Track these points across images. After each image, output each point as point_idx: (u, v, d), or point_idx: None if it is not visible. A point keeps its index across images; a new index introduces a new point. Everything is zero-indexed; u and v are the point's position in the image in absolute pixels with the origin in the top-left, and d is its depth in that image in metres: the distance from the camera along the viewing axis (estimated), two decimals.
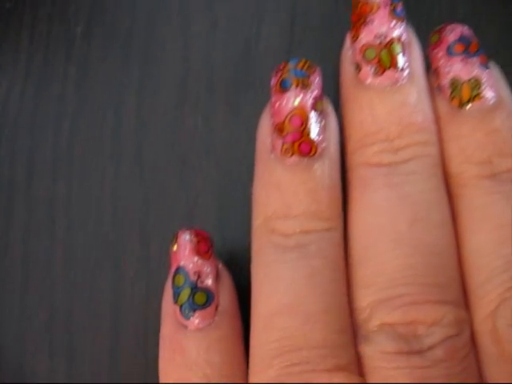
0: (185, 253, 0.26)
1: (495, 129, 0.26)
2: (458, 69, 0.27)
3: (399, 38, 0.27)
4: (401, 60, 0.27)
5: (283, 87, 0.27)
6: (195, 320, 0.26)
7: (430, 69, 0.28)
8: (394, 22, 0.27)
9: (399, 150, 0.26)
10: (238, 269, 0.29)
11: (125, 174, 0.32)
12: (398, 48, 0.27)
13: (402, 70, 0.27)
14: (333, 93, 0.29)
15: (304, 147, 0.26)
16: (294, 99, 0.26)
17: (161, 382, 0.27)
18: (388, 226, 0.26)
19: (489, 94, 0.27)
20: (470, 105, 0.27)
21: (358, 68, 0.27)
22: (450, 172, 0.27)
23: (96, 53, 0.33)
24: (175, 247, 0.27)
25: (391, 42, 0.27)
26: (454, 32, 0.27)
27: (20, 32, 0.33)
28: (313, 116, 0.26)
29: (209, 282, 0.26)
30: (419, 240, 0.25)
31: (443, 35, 0.28)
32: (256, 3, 0.32)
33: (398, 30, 0.27)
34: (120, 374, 0.30)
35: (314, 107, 0.27)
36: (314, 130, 0.26)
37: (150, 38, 0.33)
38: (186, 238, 0.27)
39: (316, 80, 0.27)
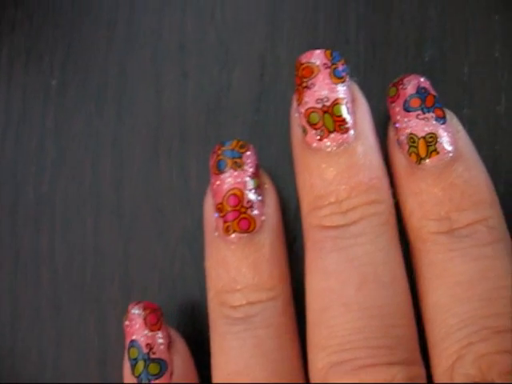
0: (136, 327, 0.28)
1: (452, 183, 0.26)
2: (414, 125, 0.27)
3: (342, 99, 0.27)
4: (345, 121, 0.27)
5: (219, 169, 0.28)
6: None
7: (391, 120, 0.28)
8: (335, 84, 0.27)
9: (348, 212, 0.26)
10: None
11: (105, 226, 0.33)
12: (340, 110, 0.27)
13: (347, 130, 0.27)
14: None
15: (243, 224, 0.27)
16: (230, 180, 0.27)
17: None
18: (338, 290, 0.26)
19: (446, 148, 0.26)
20: (427, 161, 0.27)
21: (305, 131, 0.27)
22: (411, 226, 0.27)
23: (71, 105, 0.33)
24: (127, 322, 0.28)
25: (333, 104, 0.27)
26: (411, 85, 0.27)
27: None
28: (248, 193, 0.27)
29: (161, 352, 0.28)
30: (368, 303, 0.26)
31: (400, 88, 0.28)
32: (225, 53, 0.33)
33: (340, 92, 0.27)
34: None
35: (250, 185, 0.27)
36: (252, 207, 0.27)
37: (123, 90, 0.33)
38: (135, 313, 0.28)
39: (249, 158, 0.28)
